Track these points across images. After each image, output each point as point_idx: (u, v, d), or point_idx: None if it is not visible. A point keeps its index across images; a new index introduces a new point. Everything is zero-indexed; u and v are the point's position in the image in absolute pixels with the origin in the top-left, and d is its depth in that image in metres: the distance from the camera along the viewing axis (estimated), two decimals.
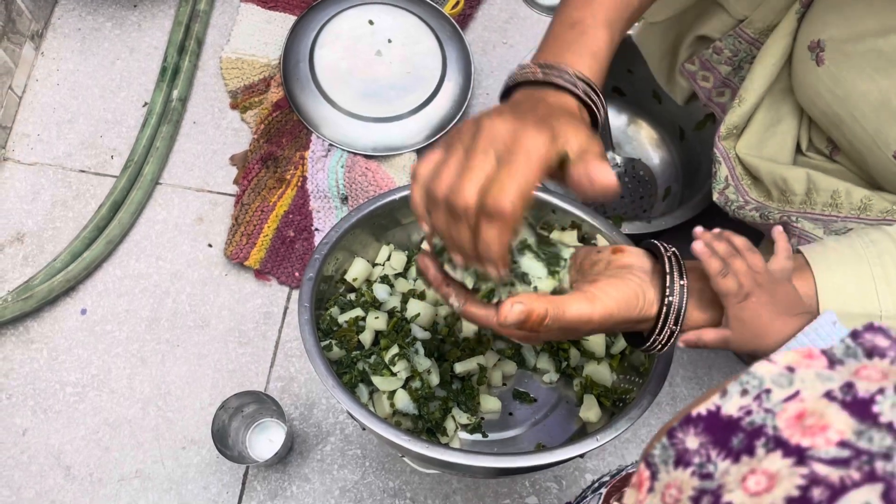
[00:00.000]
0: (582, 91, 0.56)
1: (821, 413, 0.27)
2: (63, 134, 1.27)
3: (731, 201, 0.79)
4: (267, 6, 1.35)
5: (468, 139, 0.49)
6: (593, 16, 0.60)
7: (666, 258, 0.53)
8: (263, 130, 1.24)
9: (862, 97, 0.67)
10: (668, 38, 0.91)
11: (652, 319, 0.53)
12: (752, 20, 0.80)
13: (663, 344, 0.55)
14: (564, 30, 0.60)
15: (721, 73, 0.87)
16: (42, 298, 1.12)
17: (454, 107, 1.26)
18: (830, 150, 0.76)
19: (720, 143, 0.80)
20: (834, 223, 0.70)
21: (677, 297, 0.52)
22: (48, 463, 1.09)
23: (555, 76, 0.56)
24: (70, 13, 1.36)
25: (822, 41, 0.70)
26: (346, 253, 0.82)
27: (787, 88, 0.78)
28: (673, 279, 0.53)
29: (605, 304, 0.50)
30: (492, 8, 1.38)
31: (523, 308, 0.49)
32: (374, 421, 0.66)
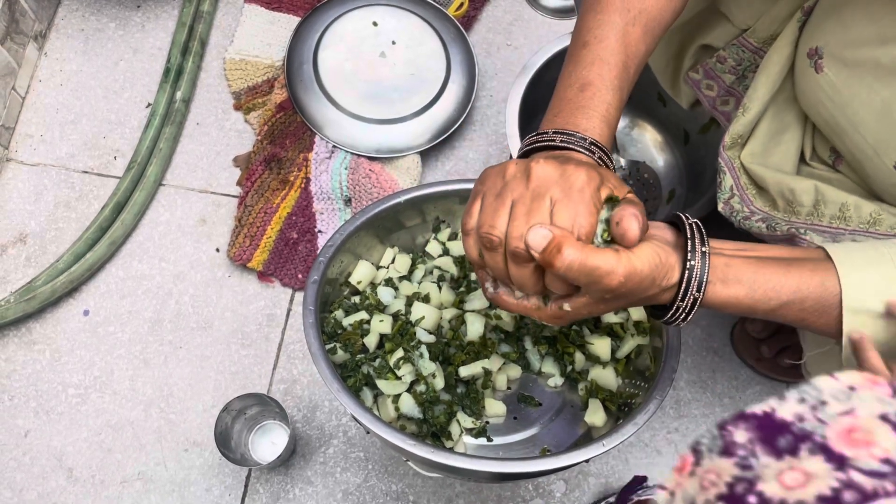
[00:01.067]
0: (597, 158, 0.58)
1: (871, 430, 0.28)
2: (66, 135, 1.27)
3: (736, 211, 0.79)
4: (271, 7, 1.35)
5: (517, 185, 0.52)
6: (601, 77, 0.61)
7: (687, 225, 0.54)
8: (267, 132, 1.24)
9: (862, 106, 0.67)
10: (672, 47, 0.91)
11: (674, 287, 0.54)
12: (755, 29, 0.80)
13: (687, 311, 0.54)
14: (574, 93, 0.61)
15: (725, 82, 0.86)
16: (44, 299, 1.12)
17: (458, 109, 1.25)
18: (833, 160, 0.76)
19: (725, 153, 0.79)
20: (842, 236, 0.69)
21: (699, 262, 0.53)
22: (50, 465, 1.08)
23: (573, 144, 0.58)
24: (73, 14, 1.35)
25: (820, 48, 0.70)
26: (350, 256, 0.81)
27: (791, 97, 0.78)
28: (694, 244, 0.53)
29: (629, 259, 0.50)
30: (496, 10, 1.38)
31: (547, 234, 0.50)
32: (379, 425, 0.65)
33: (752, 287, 0.54)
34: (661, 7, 0.65)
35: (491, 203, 0.53)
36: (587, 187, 0.51)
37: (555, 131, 0.59)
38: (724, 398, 1.14)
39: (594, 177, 0.52)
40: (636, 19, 0.64)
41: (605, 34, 0.63)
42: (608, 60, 0.62)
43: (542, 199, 0.51)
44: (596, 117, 0.60)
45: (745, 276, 0.54)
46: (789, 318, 0.56)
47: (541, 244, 0.49)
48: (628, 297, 0.53)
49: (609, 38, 0.63)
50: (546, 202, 0.51)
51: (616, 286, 0.50)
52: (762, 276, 0.54)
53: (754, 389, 1.15)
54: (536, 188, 0.51)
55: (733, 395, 1.14)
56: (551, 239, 0.49)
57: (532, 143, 0.61)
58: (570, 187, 0.51)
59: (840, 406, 0.30)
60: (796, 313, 0.55)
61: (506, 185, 0.53)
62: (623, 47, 0.63)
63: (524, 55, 1.34)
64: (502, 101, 1.30)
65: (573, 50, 0.65)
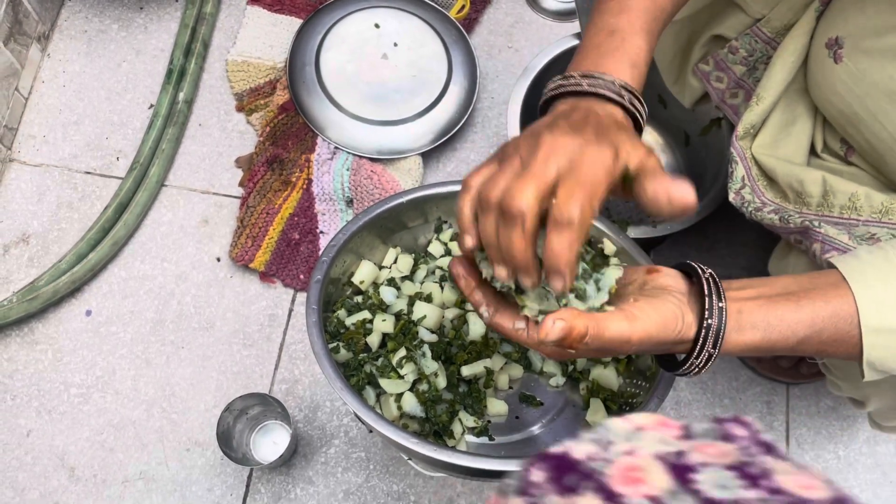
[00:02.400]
0: (628, 101, 0.56)
1: (646, 469, 0.29)
2: (69, 135, 1.28)
3: (747, 202, 0.78)
4: (273, 9, 1.35)
5: (526, 151, 0.49)
6: (631, 23, 0.60)
7: (704, 279, 0.52)
8: (269, 133, 1.25)
9: (882, 95, 0.66)
10: (682, 38, 0.90)
11: (689, 342, 0.52)
12: (770, 19, 0.79)
13: (700, 367, 0.53)
14: (603, 38, 0.60)
15: (736, 73, 0.86)
16: (47, 300, 1.13)
17: (460, 110, 1.26)
18: (845, 152, 0.75)
19: (737, 143, 0.79)
20: (856, 227, 0.68)
21: (716, 320, 0.51)
22: (52, 464, 1.09)
23: (601, 87, 0.56)
24: (76, 15, 1.36)
25: (841, 38, 0.70)
26: (353, 255, 0.82)
27: (801, 89, 0.78)
28: (712, 301, 0.51)
29: (644, 324, 0.49)
30: (497, 12, 1.38)
31: (565, 325, 0.48)
32: (382, 423, 0.66)
33: (767, 331, 0.52)
34: None
35: (501, 166, 0.50)
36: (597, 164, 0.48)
37: (582, 74, 0.57)
38: (725, 399, 1.15)
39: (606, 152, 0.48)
40: None
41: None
42: (637, 8, 0.61)
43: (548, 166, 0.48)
44: (626, 60, 0.58)
45: (758, 320, 0.52)
46: (809, 351, 0.54)
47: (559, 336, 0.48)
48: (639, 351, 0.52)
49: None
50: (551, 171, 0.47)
51: (627, 350, 0.50)
52: (775, 317, 0.52)
53: (754, 390, 1.15)
54: (545, 155, 0.48)
55: (734, 396, 1.15)
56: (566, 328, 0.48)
57: (557, 87, 0.58)
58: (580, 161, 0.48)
59: (625, 445, 0.31)
60: (815, 346, 0.54)
61: (517, 150, 0.50)
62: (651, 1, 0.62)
63: (525, 57, 1.34)
64: (503, 103, 1.31)
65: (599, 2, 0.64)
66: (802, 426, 1.13)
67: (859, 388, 0.78)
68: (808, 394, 1.15)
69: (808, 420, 1.14)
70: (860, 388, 0.79)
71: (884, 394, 0.77)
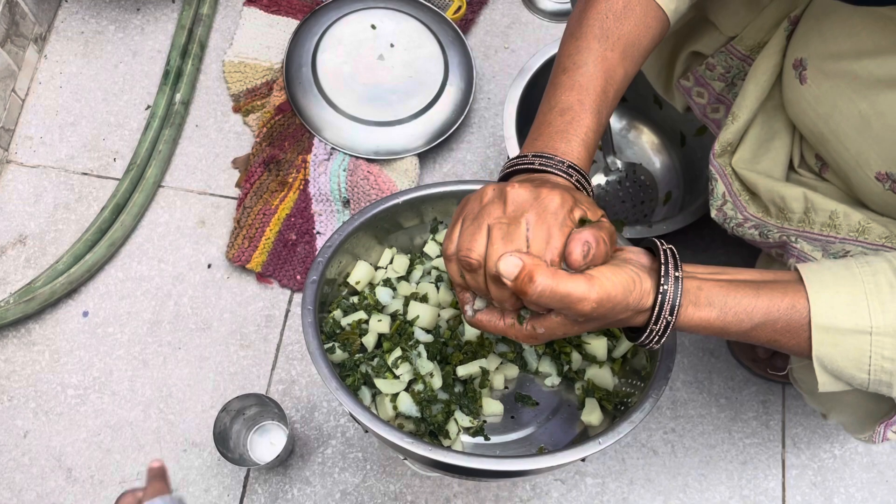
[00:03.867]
0: (575, 180, 0.60)
1: None
2: (66, 136, 1.28)
3: (729, 218, 0.79)
4: (269, 10, 1.35)
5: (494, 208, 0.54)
6: (580, 102, 0.63)
7: (661, 251, 0.55)
8: (266, 134, 1.25)
9: (843, 117, 0.68)
10: (664, 54, 0.92)
11: (648, 310, 0.55)
12: (742, 37, 0.81)
13: (660, 335, 0.56)
14: (555, 117, 0.63)
15: (715, 89, 0.87)
16: (44, 301, 1.13)
17: (456, 111, 1.26)
18: (819, 168, 0.77)
19: (715, 161, 0.81)
20: (832, 244, 0.70)
21: (671, 287, 0.54)
22: (49, 465, 1.09)
23: (551, 167, 0.60)
24: (73, 16, 1.36)
25: (804, 60, 0.71)
26: (348, 256, 0.82)
27: (779, 105, 0.79)
28: (668, 269, 0.54)
29: (602, 284, 0.51)
30: (493, 13, 1.39)
31: (518, 261, 0.51)
32: (378, 424, 0.66)
33: (723, 310, 0.55)
34: (640, 33, 0.67)
35: (468, 227, 0.54)
36: (560, 210, 0.53)
37: (534, 154, 0.61)
38: (721, 398, 1.15)
39: (567, 200, 0.53)
40: (615, 45, 0.65)
41: (583, 60, 0.65)
42: (587, 86, 0.64)
43: (518, 222, 0.52)
44: (575, 141, 0.62)
45: (716, 298, 0.55)
46: (762, 339, 0.57)
47: (512, 272, 0.51)
48: (602, 320, 0.54)
49: (588, 63, 0.65)
50: (522, 225, 0.52)
51: (588, 311, 0.52)
52: (733, 299, 0.55)
53: (750, 390, 1.15)
54: (512, 212, 0.53)
55: (729, 395, 1.15)
56: (522, 267, 0.51)
57: (512, 165, 0.62)
58: (544, 210, 0.53)
59: None
60: (769, 334, 0.56)
61: (482, 209, 0.54)
62: (602, 72, 0.64)
63: (521, 58, 1.35)
64: (500, 104, 1.31)
65: (554, 75, 0.67)
66: (798, 426, 1.13)
67: (821, 402, 0.81)
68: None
69: (804, 419, 1.14)
70: (822, 402, 0.81)
71: (842, 409, 0.79)
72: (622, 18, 0.66)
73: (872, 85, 0.64)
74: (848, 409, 0.78)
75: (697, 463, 1.11)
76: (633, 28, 0.66)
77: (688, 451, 1.12)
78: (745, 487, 1.10)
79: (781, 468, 1.12)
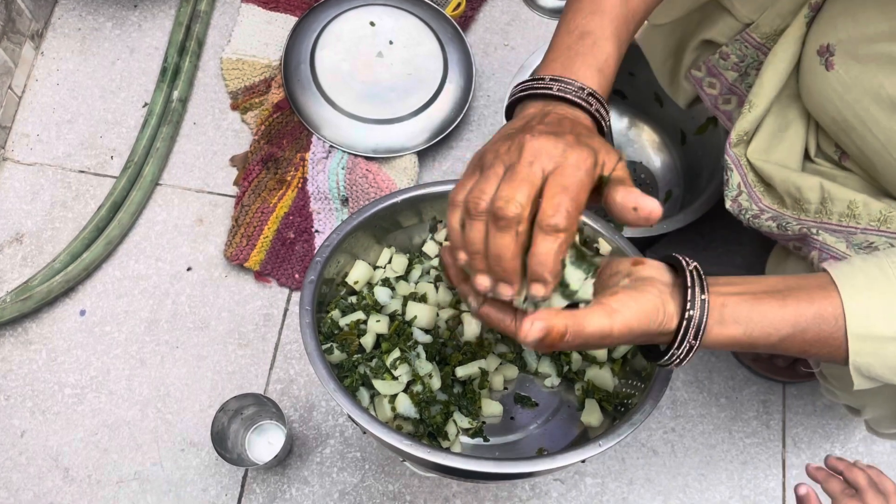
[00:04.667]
0: (594, 109, 0.56)
1: None
2: (63, 134, 1.27)
3: (744, 209, 0.78)
4: (268, 7, 1.35)
5: (509, 156, 0.49)
6: (602, 27, 0.60)
7: (688, 272, 0.53)
8: (264, 132, 1.24)
9: (872, 102, 0.66)
10: (672, 41, 0.90)
11: (671, 333, 0.52)
12: (759, 24, 0.79)
13: (681, 358, 0.53)
14: (574, 40, 0.60)
15: (728, 79, 0.86)
16: (41, 299, 1.12)
17: (455, 109, 1.25)
18: (839, 156, 0.75)
19: (731, 150, 0.79)
20: (854, 235, 0.68)
21: (698, 312, 0.51)
22: (46, 464, 1.08)
23: (570, 93, 0.56)
24: (70, 13, 1.35)
25: (832, 45, 0.70)
26: (347, 255, 0.81)
27: (794, 94, 0.78)
28: (694, 293, 0.52)
29: (624, 317, 0.49)
30: (493, 10, 1.38)
31: (543, 325, 0.48)
32: (376, 425, 0.65)
33: (749, 326, 0.53)
34: None
35: (484, 174, 0.50)
36: (582, 166, 0.48)
37: (552, 78, 0.57)
38: (721, 398, 1.14)
39: (588, 155, 0.49)
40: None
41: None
42: (608, 12, 0.61)
43: (534, 168, 0.48)
44: (594, 66, 0.59)
45: (741, 315, 0.53)
46: (793, 350, 0.54)
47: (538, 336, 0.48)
48: (621, 343, 0.52)
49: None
50: (538, 172, 0.48)
51: (609, 344, 0.50)
52: (758, 314, 0.53)
53: (751, 389, 1.15)
54: (530, 158, 0.49)
55: (730, 395, 1.14)
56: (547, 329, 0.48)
57: (526, 88, 0.58)
58: (564, 162, 0.48)
59: None
60: (798, 345, 0.54)
61: (498, 157, 0.50)
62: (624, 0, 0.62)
63: (521, 55, 1.34)
64: (499, 102, 1.31)
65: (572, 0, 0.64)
66: (799, 425, 1.13)
67: (856, 396, 0.78)
68: (804, 393, 1.15)
69: (805, 419, 1.13)
70: (857, 398, 0.78)
71: (881, 403, 0.77)
72: None
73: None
74: (888, 402, 0.75)
75: (697, 463, 1.11)
76: None
77: (688, 450, 1.12)
78: (745, 487, 1.10)
79: (782, 468, 1.11)
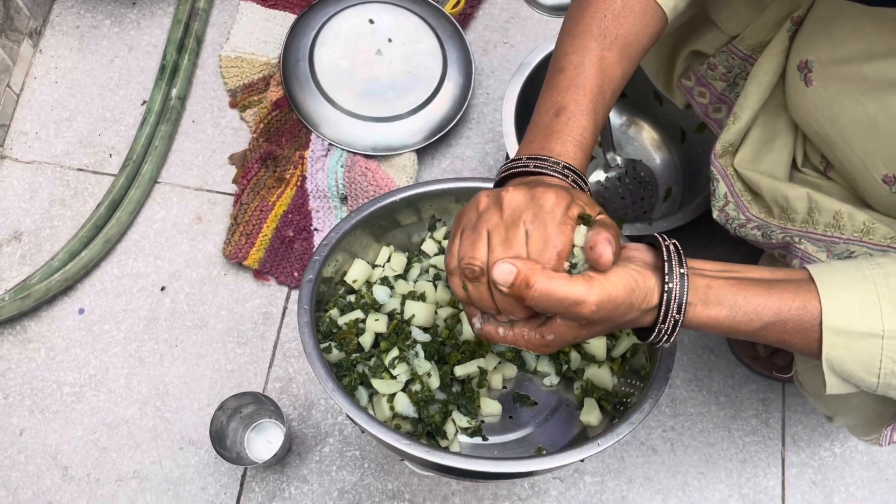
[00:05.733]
0: (571, 181, 0.59)
1: None
2: (61, 132, 1.27)
3: (731, 219, 0.79)
4: (267, 4, 1.34)
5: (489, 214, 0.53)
6: (577, 102, 0.62)
7: (664, 247, 0.54)
8: (263, 129, 1.24)
9: (850, 119, 0.67)
10: (663, 53, 0.91)
11: (654, 309, 0.54)
12: (744, 37, 0.80)
13: (669, 334, 0.55)
14: (550, 118, 0.62)
15: (717, 89, 0.87)
16: (39, 298, 1.12)
17: (454, 106, 1.25)
18: (824, 167, 0.76)
19: (716, 161, 0.80)
20: (836, 245, 0.69)
21: (677, 284, 0.53)
22: (45, 463, 1.08)
23: (547, 169, 0.59)
24: (68, 10, 1.35)
25: (810, 62, 0.70)
26: (345, 254, 0.81)
27: (781, 105, 0.78)
28: (672, 266, 0.53)
29: (602, 286, 0.50)
30: (493, 7, 1.37)
31: (512, 269, 0.50)
32: (374, 424, 0.65)
33: (733, 309, 0.54)
34: (638, 32, 0.66)
35: (468, 236, 0.54)
36: (557, 208, 0.52)
37: (528, 157, 0.60)
38: (720, 396, 1.14)
39: (564, 197, 0.52)
40: (612, 44, 0.64)
41: (580, 60, 0.64)
42: (583, 86, 0.63)
43: (516, 226, 0.52)
44: (570, 142, 0.61)
45: (726, 297, 0.54)
46: (771, 339, 0.56)
47: (507, 279, 0.50)
48: (608, 322, 0.53)
49: (584, 63, 0.63)
50: (521, 229, 0.52)
51: (588, 314, 0.51)
52: (743, 298, 0.54)
53: (750, 388, 1.15)
54: (509, 216, 0.52)
55: (729, 393, 1.14)
56: (517, 273, 0.50)
57: (507, 169, 0.62)
58: (540, 210, 0.52)
59: None
60: (778, 335, 0.55)
61: (480, 216, 0.54)
62: (599, 72, 0.63)
63: (521, 53, 1.33)
64: (499, 99, 1.30)
65: (550, 75, 0.65)
66: (798, 424, 1.13)
67: (827, 404, 0.80)
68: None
69: (804, 417, 1.13)
70: (828, 405, 0.80)
71: (849, 412, 0.78)
72: (620, 17, 0.65)
73: (883, 87, 0.63)
74: (855, 411, 0.77)
75: (697, 461, 1.11)
76: (632, 27, 0.65)
77: (687, 449, 1.12)
78: (744, 486, 1.10)
79: (781, 466, 1.11)
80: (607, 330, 0.55)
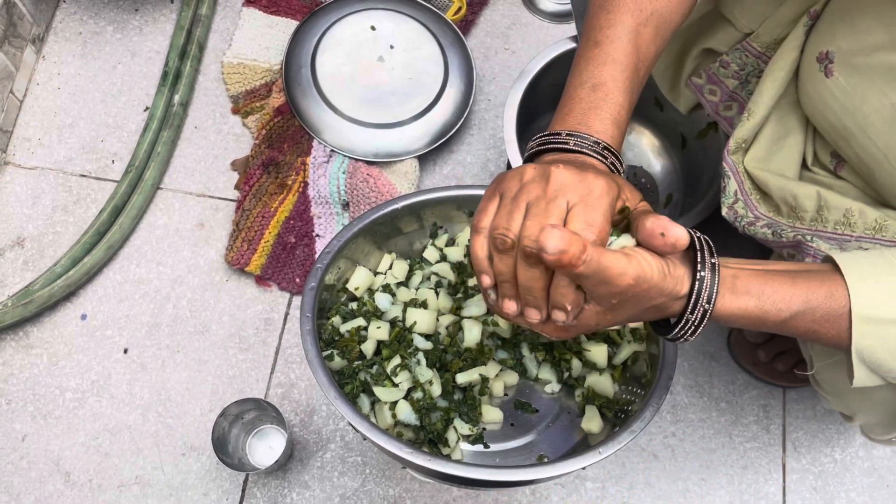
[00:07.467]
0: (609, 162, 0.58)
1: None
2: (64, 138, 1.27)
3: (740, 216, 0.78)
4: (269, 11, 1.35)
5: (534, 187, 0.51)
6: (614, 78, 0.61)
7: (696, 238, 0.53)
8: (265, 136, 1.24)
9: (873, 111, 0.66)
10: (673, 50, 0.90)
11: (684, 298, 0.53)
12: (759, 34, 0.79)
13: (696, 325, 0.53)
14: (587, 93, 0.61)
15: (728, 87, 0.86)
16: (42, 304, 1.12)
17: (456, 113, 1.26)
18: (835, 166, 0.76)
19: (729, 158, 0.79)
20: (848, 243, 0.68)
21: (709, 273, 0.52)
22: (48, 469, 1.08)
23: (585, 147, 0.58)
24: (71, 17, 1.35)
25: (831, 53, 0.70)
26: (347, 261, 0.81)
27: (793, 102, 0.78)
28: (704, 256, 0.52)
29: (640, 263, 0.49)
30: (494, 14, 1.38)
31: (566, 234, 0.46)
32: (376, 432, 0.65)
33: (761, 298, 0.53)
34: (672, 8, 0.65)
35: (507, 205, 0.51)
36: (606, 196, 0.50)
37: (568, 133, 0.59)
38: (721, 402, 1.14)
39: (613, 187, 0.51)
40: (648, 20, 0.63)
41: (617, 34, 0.62)
42: (620, 61, 0.61)
43: (558, 202, 0.50)
44: (608, 119, 0.59)
45: (753, 287, 0.53)
46: (801, 330, 0.55)
47: (558, 245, 0.46)
48: (636, 305, 0.52)
49: (622, 38, 0.62)
50: (563, 205, 0.50)
51: (625, 288, 0.49)
52: (770, 288, 0.53)
53: (751, 394, 1.15)
54: (554, 192, 0.50)
55: (730, 399, 1.15)
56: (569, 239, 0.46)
57: (543, 143, 0.60)
58: (588, 194, 0.50)
59: None
60: (808, 324, 0.54)
61: (522, 187, 0.52)
62: (635, 48, 0.62)
63: (522, 59, 1.34)
64: (500, 106, 1.31)
65: (584, 48, 0.64)
66: (799, 430, 1.13)
67: (847, 403, 0.79)
68: (804, 397, 1.15)
69: (805, 423, 1.13)
70: (848, 404, 0.79)
71: (871, 409, 0.77)
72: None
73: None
74: (878, 407, 0.75)
75: (697, 467, 1.11)
76: (667, 4, 0.64)
77: (688, 455, 1.12)
78: (745, 492, 1.10)
79: (782, 472, 1.11)
80: (632, 317, 0.54)
